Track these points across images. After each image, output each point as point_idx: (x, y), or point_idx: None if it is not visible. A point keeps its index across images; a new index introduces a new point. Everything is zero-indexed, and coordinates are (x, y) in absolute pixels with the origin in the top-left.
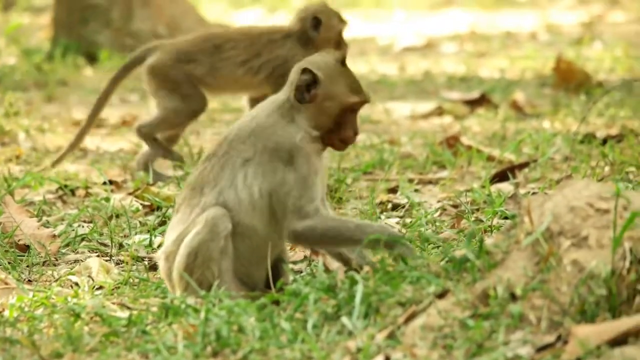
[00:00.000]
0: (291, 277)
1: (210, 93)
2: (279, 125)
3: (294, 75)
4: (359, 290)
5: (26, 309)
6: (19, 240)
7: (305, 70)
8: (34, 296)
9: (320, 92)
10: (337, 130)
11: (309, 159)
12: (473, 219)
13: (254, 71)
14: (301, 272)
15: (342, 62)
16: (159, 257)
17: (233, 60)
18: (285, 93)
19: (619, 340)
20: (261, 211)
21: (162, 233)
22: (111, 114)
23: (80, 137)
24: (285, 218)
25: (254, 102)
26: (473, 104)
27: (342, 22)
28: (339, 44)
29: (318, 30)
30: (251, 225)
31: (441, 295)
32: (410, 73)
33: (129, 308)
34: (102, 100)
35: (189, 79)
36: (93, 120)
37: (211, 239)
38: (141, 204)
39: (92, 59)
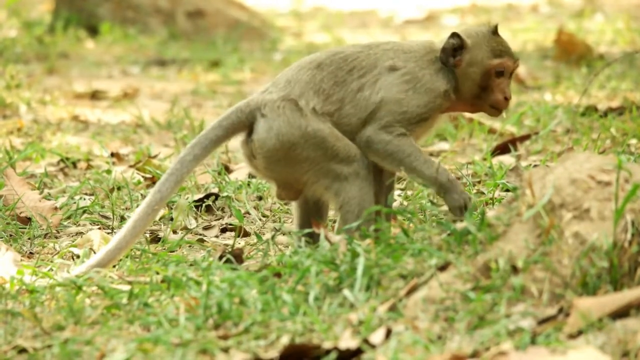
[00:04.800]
0: (290, 251)
1: None
2: (430, 69)
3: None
4: (361, 262)
5: (27, 281)
6: (20, 213)
7: (453, 35)
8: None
9: (465, 57)
10: (486, 95)
11: (435, 108)
12: (474, 191)
13: None
14: None
15: (494, 31)
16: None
17: None
18: (437, 51)
19: (621, 313)
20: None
21: None
22: (112, 86)
23: None
24: (372, 123)
25: None
26: None
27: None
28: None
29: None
30: None
31: (443, 267)
32: None
33: (129, 282)
34: None
35: None
36: None
37: None
38: (142, 177)
39: (93, 31)
